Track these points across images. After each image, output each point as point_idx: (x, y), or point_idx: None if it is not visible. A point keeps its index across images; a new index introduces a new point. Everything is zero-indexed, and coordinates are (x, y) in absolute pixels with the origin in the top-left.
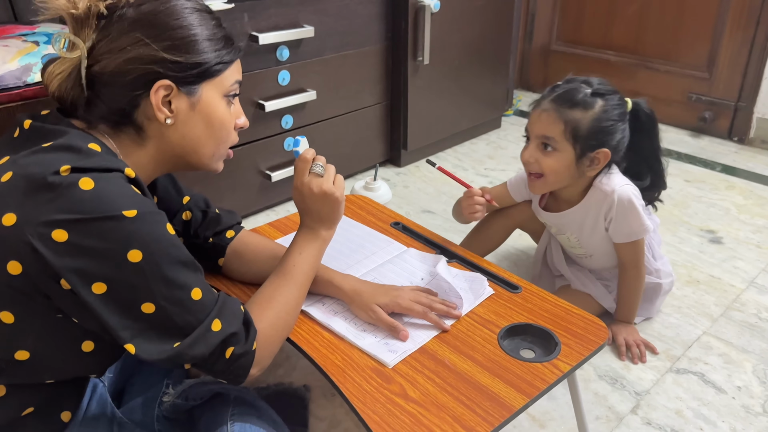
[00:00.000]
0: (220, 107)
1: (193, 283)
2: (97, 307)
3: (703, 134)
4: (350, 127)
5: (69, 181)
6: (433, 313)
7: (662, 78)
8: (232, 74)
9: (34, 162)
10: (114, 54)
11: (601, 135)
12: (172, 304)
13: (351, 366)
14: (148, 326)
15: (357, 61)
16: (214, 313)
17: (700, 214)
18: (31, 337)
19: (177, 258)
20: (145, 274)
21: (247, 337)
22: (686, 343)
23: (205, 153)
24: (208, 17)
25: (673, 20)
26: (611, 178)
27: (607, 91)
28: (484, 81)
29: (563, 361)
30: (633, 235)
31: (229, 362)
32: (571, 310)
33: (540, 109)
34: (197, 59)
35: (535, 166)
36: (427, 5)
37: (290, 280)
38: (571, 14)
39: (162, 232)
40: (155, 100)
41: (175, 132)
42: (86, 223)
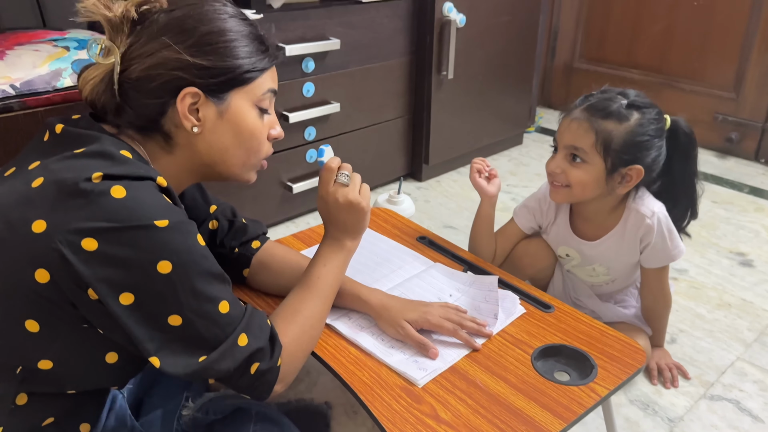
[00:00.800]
0: (250, 116)
1: (222, 296)
2: (123, 318)
3: (729, 155)
4: (372, 140)
5: (101, 188)
6: (463, 331)
7: (688, 98)
8: (265, 82)
9: (66, 167)
10: (142, 59)
11: (635, 150)
12: (199, 317)
13: (379, 384)
14: (174, 339)
15: (381, 74)
16: (241, 327)
17: (729, 236)
18: (56, 346)
19: (207, 270)
20: (174, 285)
21: (272, 352)
22: (719, 368)
23: (235, 163)
24: (243, 23)
25: (700, 39)
26: (645, 200)
27: (645, 104)
28: (507, 97)
29: (600, 385)
30: (668, 259)
31: (253, 378)
32: (607, 331)
33: (571, 118)
34: (225, 65)
35: (562, 177)
36: (453, 20)
37: (315, 292)
38: (594, 32)
39: (193, 243)
40: (181, 108)
41: (203, 141)
42: (117, 232)
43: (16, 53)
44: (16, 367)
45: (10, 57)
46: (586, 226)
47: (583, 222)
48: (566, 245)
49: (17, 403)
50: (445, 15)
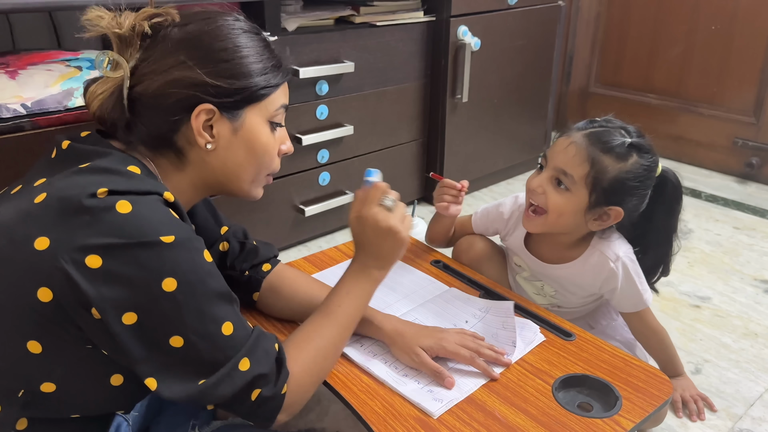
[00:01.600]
0: (264, 132)
1: (226, 317)
2: (123, 338)
3: (749, 180)
4: (386, 163)
5: (105, 204)
6: (481, 359)
7: (706, 122)
8: (278, 98)
9: (70, 183)
10: (156, 75)
11: (622, 192)
12: (201, 339)
13: (392, 414)
14: (174, 361)
15: (395, 97)
16: (244, 351)
17: (753, 263)
18: (59, 368)
19: (213, 289)
20: (179, 304)
21: (277, 379)
22: (748, 400)
23: (245, 179)
24: (257, 39)
25: (718, 63)
26: (612, 242)
27: (645, 148)
28: (522, 121)
29: (625, 418)
30: (640, 303)
31: (255, 405)
32: (631, 361)
33: (570, 141)
34: (241, 83)
35: (542, 198)
36: (468, 44)
37: (333, 320)
38: (610, 56)
39: (200, 261)
40: (196, 125)
41: (216, 158)
42: (122, 249)
43: (29, 73)
44: (18, 390)
45: (22, 76)
46: (543, 248)
47: (540, 242)
48: (518, 257)
49: (17, 429)
50: (459, 39)
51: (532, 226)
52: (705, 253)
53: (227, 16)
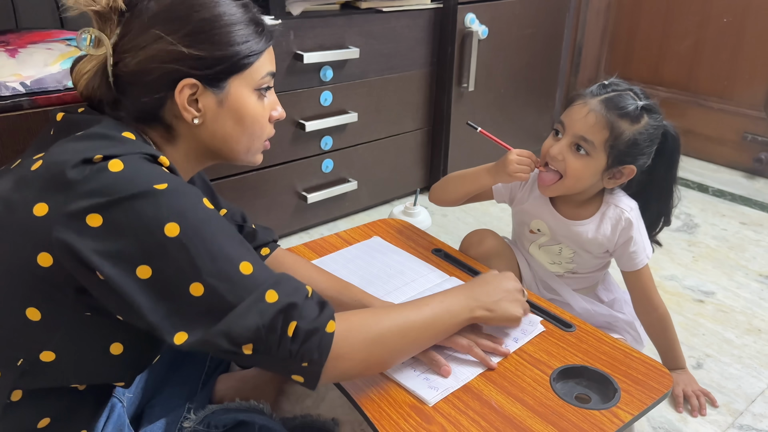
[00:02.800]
0: (251, 102)
1: (241, 256)
2: (138, 296)
3: (758, 176)
4: (390, 151)
5: (99, 166)
6: (478, 349)
7: (715, 116)
8: (263, 65)
9: (66, 150)
10: (136, 51)
11: (636, 151)
12: (220, 280)
13: (388, 401)
14: (200, 311)
15: (400, 84)
16: (270, 284)
17: (759, 259)
18: (58, 335)
19: (218, 228)
20: (186, 248)
21: (319, 313)
22: (749, 396)
23: (239, 149)
24: (236, 5)
25: (729, 57)
26: (621, 197)
27: (654, 108)
28: (529, 111)
29: (623, 410)
30: (644, 257)
31: (295, 342)
32: (631, 353)
33: (587, 107)
34: (222, 53)
35: (561, 164)
36: (475, 32)
37: (412, 310)
38: (620, 48)
39: (199, 205)
40: (180, 101)
41: (205, 130)
42: (119, 203)
43: (29, 51)
44: (17, 358)
45: (22, 55)
46: (562, 208)
47: (558, 203)
48: (540, 218)
49: (12, 399)
50: (467, 26)
51: (551, 191)
52: (710, 248)
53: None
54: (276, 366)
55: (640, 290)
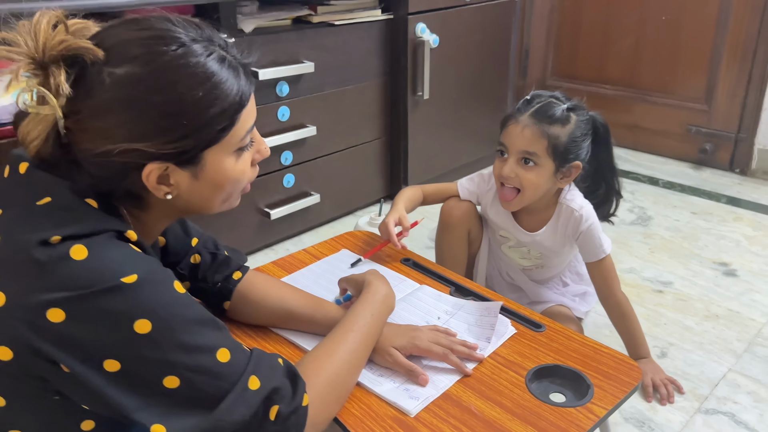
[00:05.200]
0: (229, 166)
1: (218, 343)
2: (108, 389)
3: (704, 166)
4: (350, 162)
5: (59, 252)
6: (454, 356)
7: (660, 111)
8: (244, 123)
9: (24, 226)
10: (94, 135)
11: (575, 148)
12: (197, 373)
13: (369, 416)
14: (176, 402)
15: (356, 96)
16: (249, 370)
17: (711, 247)
18: (25, 420)
19: (192, 319)
20: (159, 344)
21: (294, 392)
22: (712, 381)
23: (215, 206)
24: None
25: (669, 53)
26: (574, 195)
27: (577, 106)
28: (481, 116)
29: (598, 405)
30: (600, 251)
31: (276, 425)
32: (600, 349)
33: (521, 125)
34: (194, 136)
35: (515, 180)
36: (427, 41)
37: (354, 334)
38: (565, 49)
39: (170, 294)
40: (149, 183)
41: (179, 200)
42: (83, 299)
43: None
44: None
45: None
46: (526, 219)
47: (522, 214)
48: (505, 230)
49: None
50: (418, 36)
51: (514, 206)
52: (665, 239)
53: (167, 44)
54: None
55: (600, 279)
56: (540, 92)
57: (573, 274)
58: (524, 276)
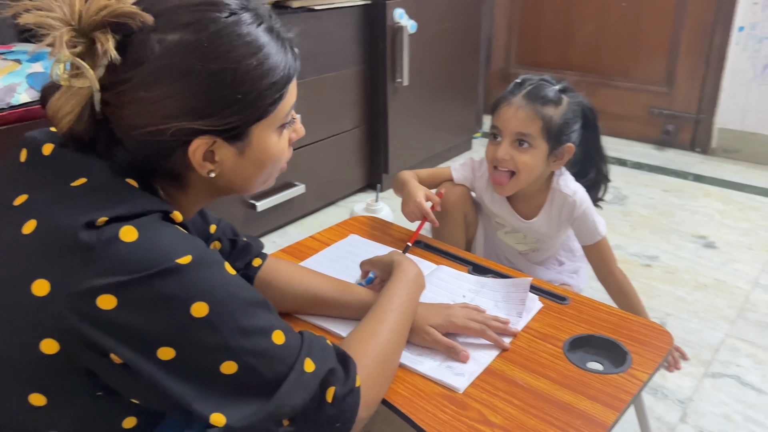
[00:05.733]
0: (273, 143)
1: (272, 325)
2: (163, 378)
3: (667, 147)
4: (332, 152)
5: (108, 235)
6: (491, 331)
7: (623, 95)
8: (290, 99)
9: (63, 210)
10: (140, 108)
11: (567, 130)
12: (255, 357)
13: (419, 395)
14: (234, 389)
15: (337, 83)
16: (304, 353)
17: (687, 222)
18: (66, 419)
19: (247, 300)
20: (217, 328)
21: (347, 373)
22: (712, 346)
23: (255, 187)
24: (261, 37)
25: (630, 38)
26: (567, 180)
27: (568, 88)
28: (455, 104)
29: (638, 370)
30: (597, 233)
31: (332, 407)
32: (627, 317)
33: (514, 107)
34: (246, 108)
35: (510, 163)
36: (405, 26)
37: (393, 313)
38: (527, 37)
39: (225, 275)
40: (195, 159)
41: (222, 178)
42: (136, 284)
43: None
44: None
45: None
46: (520, 205)
47: (516, 201)
48: (502, 217)
49: None
50: (396, 21)
51: (508, 190)
52: (643, 216)
53: (219, 11)
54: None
55: (599, 260)
56: (529, 76)
57: (566, 251)
58: (523, 259)
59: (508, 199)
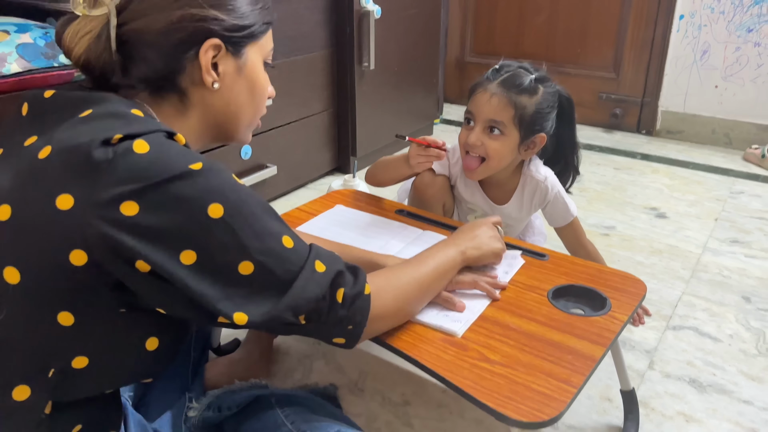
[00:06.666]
0: (261, 72)
1: (281, 231)
2: (189, 281)
3: (615, 129)
4: (302, 134)
5: (123, 148)
6: (482, 282)
7: (574, 81)
8: (270, 37)
9: (77, 133)
10: (157, 13)
11: (541, 120)
12: (269, 256)
13: (421, 340)
14: (253, 290)
15: (306, 66)
16: (313, 255)
17: (639, 195)
18: (92, 339)
19: (258, 205)
20: (233, 228)
21: (356, 278)
22: (671, 303)
23: (244, 121)
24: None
25: (580, 26)
26: (538, 167)
27: (545, 78)
28: (417, 90)
29: (618, 313)
30: (569, 215)
31: (343, 308)
32: (603, 269)
33: (489, 93)
34: (245, 18)
35: (481, 149)
36: (371, 11)
37: (419, 264)
38: (482, 27)
39: (232, 180)
40: (204, 61)
41: (220, 98)
42: (155, 187)
43: None
44: (48, 369)
45: None
46: (492, 191)
47: (488, 186)
48: (474, 202)
49: (45, 413)
50: (363, 6)
51: (478, 175)
52: (598, 191)
53: None
54: (323, 332)
55: (573, 239)
56: (509, 62)
57: (527, 228)
58: None
59: (480, 184)
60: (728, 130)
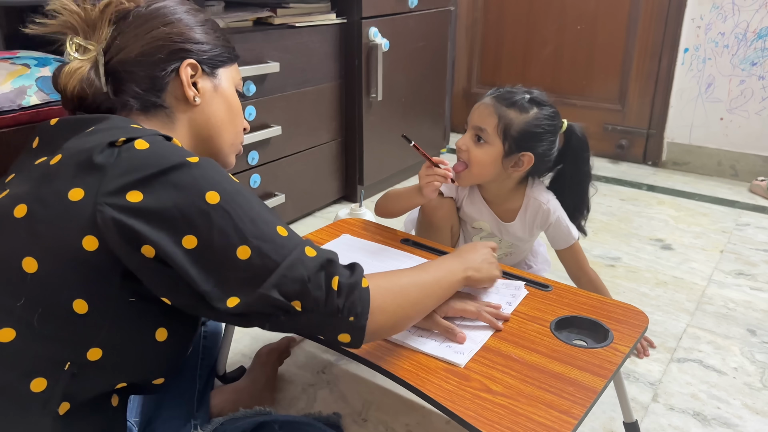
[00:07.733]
0: (235, 95)
1: (275, 221)
2: (189, 266)
3: (621, 160)
4: (310, 163)
5: (126, 147)
6: (485, 313)
7: (579, 112)
8: (238, 71)
9: (86, 142)
10: (137, 40)
11: (530, 139)
12: (264, 241)
13: (423, 369)
14: (249, 275)
15: (315, 97)
16: (306, 243)
17: (645, 227)
18: (104, 329)
19: (253, 196)
20: (229, 213)
21: (352, 271)
22: (676, 335)
23: (226, 139)
24: (211, 23)
25: (585, 59)
26: (541, 190)
27: (544, 102)
28: (425, 120)
29: (620, 344)
30: (570, 237)
31: (341, 296)
32: (606, 301)
33: (482, 104)
34: (216, 43)
35: (465, 154)
36: (379, 44)
37: (420, 271)
38: (489, 58)
39: (229, 177)
40: (185, 77)
41: (201, 113)
42: (156, 177)
43: None
44: (64, 362)
45: None
46: (497, 209)
47: (493, 204)
48: (482, 219)
49: (60, 412)
50: (371, 39)
51: (459, 179)
52: (604, 222)
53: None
54: (323, 325)
55: (573, 263)
56: (518, 87)
57: (533, 255)
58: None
59: (486, 202)
60: (734, 161)
